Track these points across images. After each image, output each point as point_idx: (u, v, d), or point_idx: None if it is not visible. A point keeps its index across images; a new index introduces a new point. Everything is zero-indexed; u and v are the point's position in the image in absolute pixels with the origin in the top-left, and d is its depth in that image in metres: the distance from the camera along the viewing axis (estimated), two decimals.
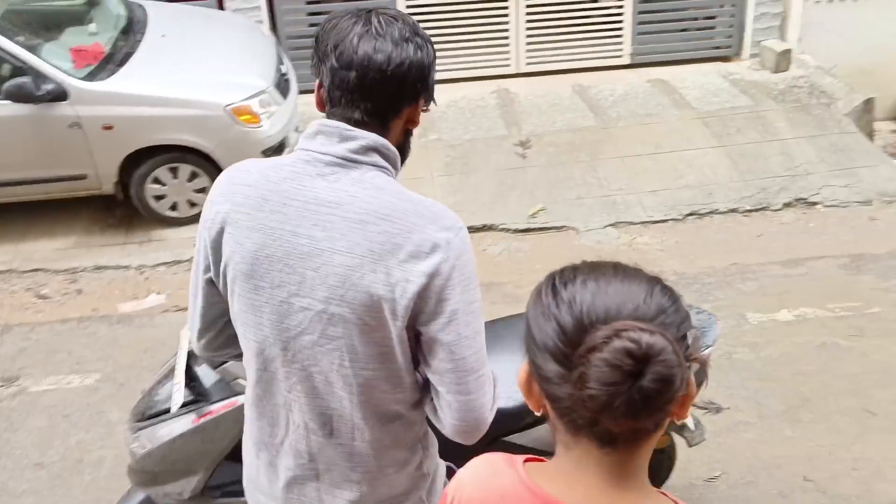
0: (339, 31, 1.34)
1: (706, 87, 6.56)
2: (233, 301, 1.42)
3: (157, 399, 2.15)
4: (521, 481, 0.97)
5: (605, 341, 0.83)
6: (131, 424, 2.17)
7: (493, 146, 5.89)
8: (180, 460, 2.08)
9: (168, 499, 2.15)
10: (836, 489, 2.97)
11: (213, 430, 2.04)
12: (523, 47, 6.82)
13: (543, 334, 0.92)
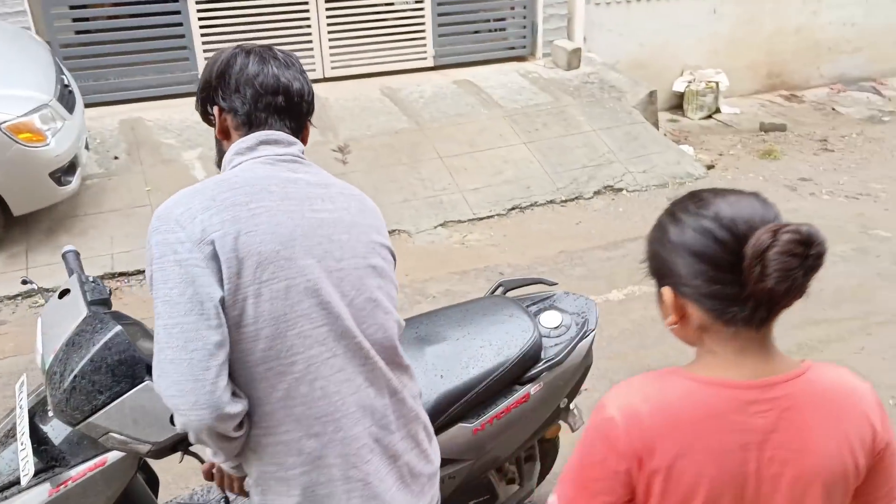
0: (249, 65, 1.54)
1: (509, 85, 6.82)
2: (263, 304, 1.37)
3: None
4: (700, 383, 1.16)
5: (773, 240, 1.05)
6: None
7: (311, 153, 5.57)
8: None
9: None
10: None
11: (78, 499, 1.69)
12: (327, 52, 6.65)
13: (699, 252, 1.12)
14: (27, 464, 1.62)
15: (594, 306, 2.38)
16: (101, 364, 1.61)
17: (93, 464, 1.69)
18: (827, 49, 8.74)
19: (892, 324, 4.08)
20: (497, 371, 2.09)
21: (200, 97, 1.61)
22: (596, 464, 1.19)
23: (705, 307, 1.15)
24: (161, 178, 5.25)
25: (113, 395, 1.60)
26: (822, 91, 8.66)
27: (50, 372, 1.65)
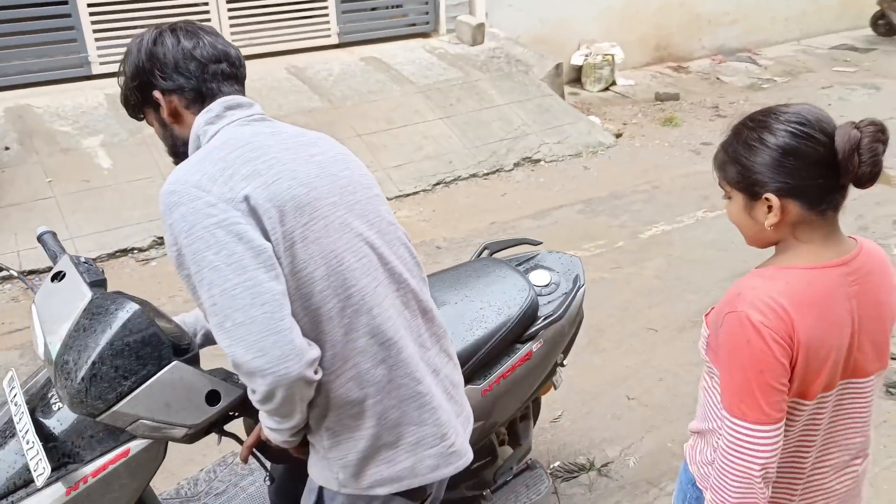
0: (181, 40, 1.49)
1: (417, 62, 6.77)
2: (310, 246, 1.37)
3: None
4: (812, 269, 1.38)
5: (860, 134, 1.29)
6: None
7: None
8: None
9: None
10: (653, 400, 3.29)
11: (100, 496, 1.54)
12: (227, 30, 6.35)
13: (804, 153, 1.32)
14: (40, 462, 1.44)
15: (579, 262, 2.41)
16: (122, 347, 1.46)
17: (114, 455, 1.52)
18: (707, 22, 9.23)
19: None
20: (500, 331, 2.08)
21: (133, 86, 1.52)
22: (767, 366, 1.34)
23: (805, 201, 1.35)
24: (62, 167, 4.86)
25: (139, 378, 1.46)
26: (705, 62, 9.14)
27: (59, 362, 1.48)
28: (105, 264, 4.35)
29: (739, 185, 1.41)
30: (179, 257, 1.32)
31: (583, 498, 2.77)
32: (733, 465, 1.38)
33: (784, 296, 1.35)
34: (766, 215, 1.37)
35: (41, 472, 1.43)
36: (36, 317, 1.58)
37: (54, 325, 1.53)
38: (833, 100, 7.73)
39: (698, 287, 4.18)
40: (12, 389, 1.59)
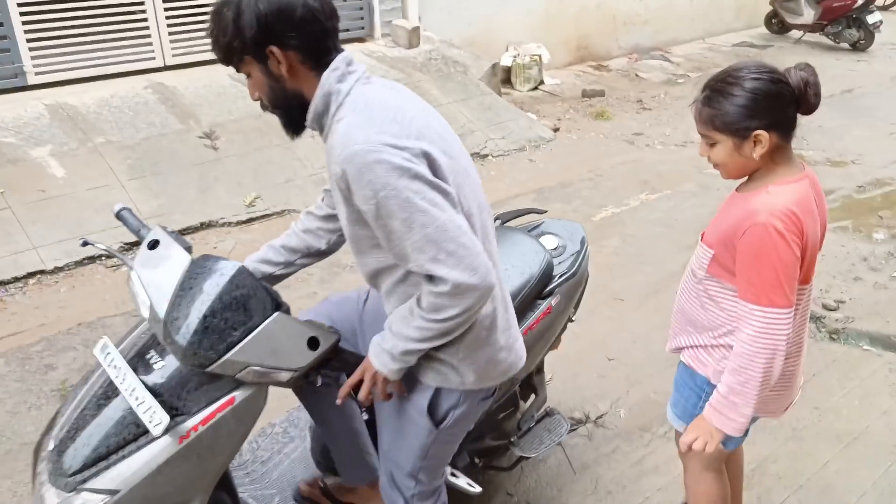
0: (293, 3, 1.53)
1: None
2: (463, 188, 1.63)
3: (95, 431, 1.62)
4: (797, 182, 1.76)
5: (805, 74, 1.70)
6: (61, 479, 1.58)
7: (177, 142, 5.40)
8: (170, 493, 1.61)
9: None
10: (631, 360, 3.56)
11: (210, 442, 1.63)
12: (167, 39, 6.32)
13: (784, 97, 1.70)
14: (155, 414, 1.53)
15: (580, 227, 2.65)
16: (230, 301, 1.57)
17: (220, 404, 1.62)
18: (622, 23, 9.76)
19: None
20: (525, 288, 2.28)
21: (249, 37, 1.53)
22: (791, 262, 1.70)
23: (781, 131, 1.74)
24: (13, 178, 4.75)
25: (247, 329, 1.57)
26: (622, 60, 9.66)
27: (168, 319, 1.58)
28: (74, 272, 4.30)
29: (729, 130, 1.73)
30: (379, 208, 1.47)
31: (585, 447, 3.00)
32: (763, 345, 1.72)
33: (794, 204, 1.71)
34: (752, 149, 1.72)
35: (158, 422, 1.53)
36: (138, 282, 1.67)
37: (158, 287, 1.63)
38: None
39: (653, 259, 4.51)
40: (108, 354, 1.67)
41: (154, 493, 1.58)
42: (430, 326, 1.59)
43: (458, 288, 1.51)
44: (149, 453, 1.58)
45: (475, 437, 2.40)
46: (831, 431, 2.91)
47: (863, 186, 5.68)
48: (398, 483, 1.93)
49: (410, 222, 1.47)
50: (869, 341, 3.61)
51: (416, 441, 1.83)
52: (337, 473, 2.32)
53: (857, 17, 10.09)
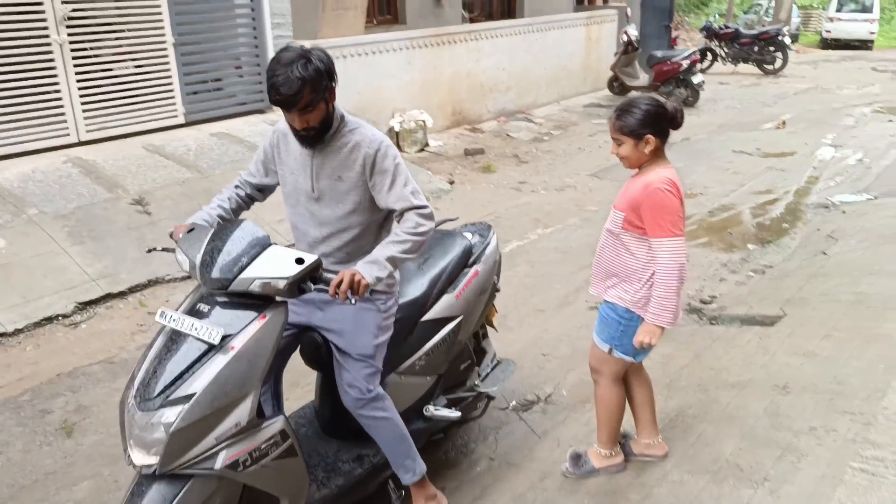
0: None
1: (263, 133, 7.36)
2: None
3: (168, 365, 2.16)
4: (670, 168, 2.73)
5: (675, 104, 2.73)
6: (148, 402, 2.11)
7: (109, 209, 5.68)
8: (232, 388, 2.16)
9: (220, 442, 2.16)
10: (561, 353, 4.26)
11: (256, 347, 2.21)
12: (81, 115, 6.59)
13: (671, 115, 2.67)
14: (212, 330, 2.15)
15: (488, 223, 3.55)
16: (239, 241, 2.28)
17: (256, 320, 2.23)
18: (489, 90, 10.90)
19: None
20: (454, 260, 3.14)
21: (324, 84, 2.40)
22: (680, 208, 2.68)
23: (661, 136, 2.70)
24: None
25: (251, 257, 2.24)
26: (492, 123, 10.75)
27: (203, 262, 2.25)
28: (35, 332, 4.49)
29: (631, 134, 2.69)
30: (385, 160, 2.50)
31: (542, 419, 3.65)
32: (675, 261, 2.63)
33: (673, 177, 2.72)
34: (645, 147, 2.68)
35: (215, 335, 2.15)
36: (180, 251, 2.34)
37: (193, 249, 2.31)
38: (601, 143, 9.58)
39: (559, 278, 5.32)
40: (166, 314, 2.24)
41: (220, 391, 2.14)
42: (410, 239, 2.48)
43: (429, 211, 2.54)
44: (212, 364, 2.15)
45: (447, 389, 3.21)
46: (727, 383, 3.73)
47: (713, 211, 6.85)
48: (359, 378, 2.63)
49: (399, 172, 2.53)
50: (740, 322, 4.54)
51: (371, 323, 2.64)
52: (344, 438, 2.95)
53: (684, 78, 11.84)
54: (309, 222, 2.64)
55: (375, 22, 10.60)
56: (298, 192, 2.63)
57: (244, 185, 2.82)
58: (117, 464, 3.30)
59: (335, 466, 2.83)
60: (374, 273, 2.38)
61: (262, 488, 2.35)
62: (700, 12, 25.91)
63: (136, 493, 2.18)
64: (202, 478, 2.18)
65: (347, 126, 2.54)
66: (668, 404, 3.60)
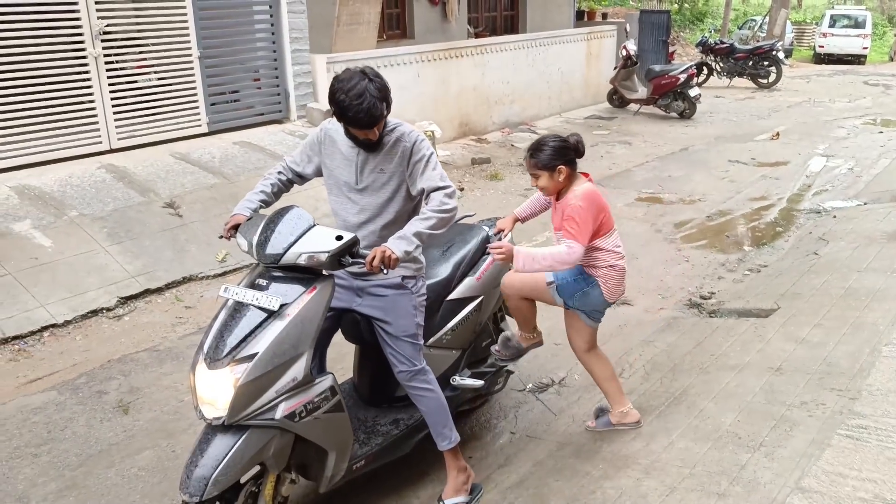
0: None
1: (283, 142, 7.81)
2: None
3: (233, 331, 2.48)
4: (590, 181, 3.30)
5: (577, 138, 3.26)
6: (217, 363, 2.43)
7: (143, 212, 6.03)
8: (289, 348, 2.50)
9: (279, 395, 2.50)
10: None
11: (308, 314, 2.56)
12: (112, 123, 6.95)
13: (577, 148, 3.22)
14: (272, 298, 2.50)
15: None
16: (288, 225, 2.62)
17: (308, 291, 2.58)
18: (494, 102, 11.29)
19: (634, 258, 6.06)
20: (474, 248, 3.55)
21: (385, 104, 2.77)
22: (591, 217, 3.13)
23: (571, 166, 3.20)
24: (4, 250, 5.21)
25: (298, 236, 2.59)
26: (497, 134, 11.14)
27: (259, 241, 2.60)
28: (82, 324, 4.82)
29: (547, 168, 3.16)
30: (420, 151, 2.86)
31: (557, 399, 3.99)
32: (567, 258, 3.10)
33: (586, 190, 3.18)
34: (559, 176, 3.15)
35: (275, 301, 2.50)
36: (240, 235, 2.72)
37: (250, 232, 2.67)
38: (603, 153, 9.98)
39: None
40: (229, 289, 2.59)
41: (279, 349, 2.49)
42: (435, 215, 2.77)
43: (449, 188, 2.85)
44: (272, 328, 2.50)
45: (471, 363, 3.62)
46: (726, 366, 4.08)
47: (710, 216, 7.22)
48: (408, 356, 2.99)
49: (431, 159, 2.89)
50: (737, 315, 4.89)
51: (408, 305, 2.99)
52: (380, 405, 3.34)
53: (681, 91, 12.25)
54: (350, 210, 2.98)
55: (385, 37, 11.02)
56: (341, 184, 2.98)
57: (286, 171, 3.16)
58: (174, 437, 3.64)
59: (374, 429, 3.19)
60: (402, 247, 2.67)
61: (314, 440, 2.70)
62: (695, 28, 26.45)
63: (203, 440, 2.53)
64: (260, 429, 2.53)
65: (389, 126, 2.90)
66: (674, 385, 3.95)
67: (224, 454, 2.44)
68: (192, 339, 4.68)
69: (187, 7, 7.33)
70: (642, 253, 6.16)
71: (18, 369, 4.31)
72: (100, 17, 6.68)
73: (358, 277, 3.00)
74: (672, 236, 6.65)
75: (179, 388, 4.07)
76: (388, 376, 3.24)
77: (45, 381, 4.17)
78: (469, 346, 3.53)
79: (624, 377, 4.17)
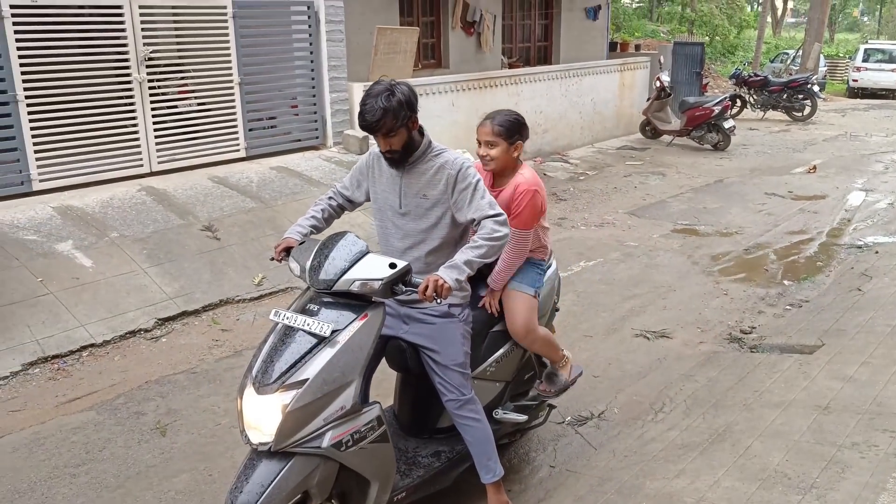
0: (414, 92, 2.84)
1: (319, 168, 7.88)
2: None
3: (283, 355, 2.47)
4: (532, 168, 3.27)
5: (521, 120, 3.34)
6: (266, 388, 2.42)
7: (182, 234, 6.09)
8: (339, 375, 2.49)
9: (326, 423, 2.48)
10: (610, 375, 4.54)
11: (359, 341, 2.55)
12: (153, 148, 7.07)
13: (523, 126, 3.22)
14: (324, 325, 2.49)
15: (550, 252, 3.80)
16: (342, 251, 2.63)
17: (359, 318, 2.57)
18: None
19: (672, 290, 5.99)
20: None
21: (406, 112, 2.76)
22: (539, 206, 3.16)
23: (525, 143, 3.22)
24: (48, 269, 5.29)
25: (351, 262, 2.59)
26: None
27: (312, 267, 2.62)
28: (120, 344, 4.86)
29: (507, 139, 3.13)
30: (466, 179, 2.82)
31: (596, 433, 3.92)
32: (522, 250, 3.19)
33: (535, 176, 3.19)
34: (514, 151, 3.15)
35: (327, 328, 2.48)
36: (293, 259, 2.74)
37: (303, 257, 2.68)
38: (636, 184, 9.93)
39: (605, 308, 5.60)
40: (280, 313, 2.58)
41: (329, 376, 2.47)
42: (486, 244, 2.74)
43: (503, 219, 2.80)
44: (323, 354, 2.48)
45: (513, 396, 3.55)
46: (771, 403, 3.98)
47: (748, 249, 7.12)
48: (456, 385, 2.96)
49: (478, 188, 2.84)
50: (780, 351, 4.79)
51: (457, 334, 2.98)
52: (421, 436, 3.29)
53: (715, 123, 12.18)
54: (394, 235, 2.98)
55: (421, 66, 11.13)
56: (386, 208, 2.98)
57: (337, 196, 3.18)
58: (211, 460, 3.63)
59: (415, 460, 3.14)
60: (453, 276, 2.66)
61: (358, 470, 2.66)
62: (726, 60, 26.40)
63: (248, 466, 2.50)
64: (305, 456, 2.49)
65: (434, 151, 2.90)
66: (717, 421, 3.86)
67: (269, 481, 2.41)
68: (228, 362, 4.69)
69: (230, 34, 7.48)
70: (679, 285, 6.08)
71: (58, 388, 4.34)
72: (146, 43, 6.84)
73: (405, 304, 2.98)
74: (709, 269, 6.56)
75: (216, 411, 4.07)
76: (430, 406, 3.20)
77: (84, 401, 4.19)
78: (513, 378, 3.48)
79: (664, 412, 4.10)
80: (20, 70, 6.11)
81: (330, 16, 8.34)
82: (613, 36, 19.92)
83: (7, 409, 4.11)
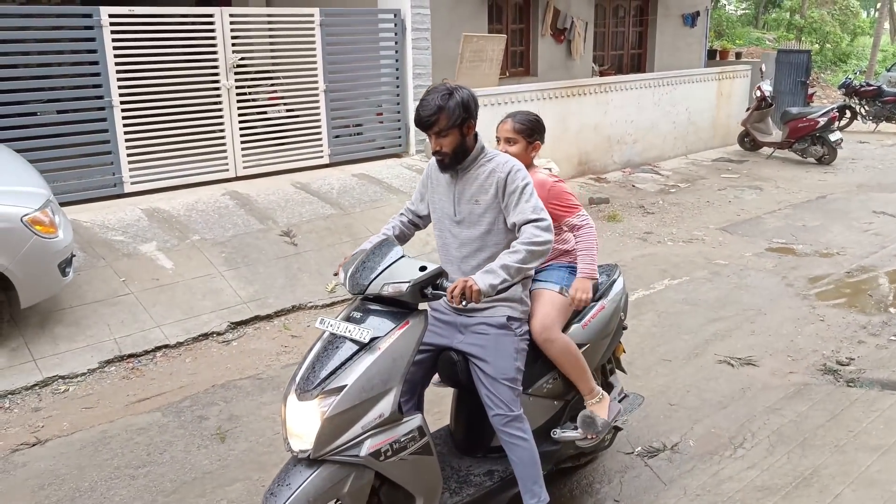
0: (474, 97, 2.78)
1: (400, 176, 7.85)
2: None
3: (326, 363, 2.46)
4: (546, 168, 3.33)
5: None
6: (306, 394, 2.41)
7: (261, 239, 6.18)
8: (378, 383, 2.45)
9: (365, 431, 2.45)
10: (688, 404, 4.26)
11: (399, 348, 2.51)
12: (239, 153, 7.22)
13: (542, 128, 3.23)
14: (364, 331, 2.47)
15: (616, 266, 3.60)
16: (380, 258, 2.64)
17: (400, 326, 2.53)
18: (616, 142, 10.98)
19: (762, 314, 5.60)
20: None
21: (461, 114, 2.70)
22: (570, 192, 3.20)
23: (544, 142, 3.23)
24: (131, 269, 5.45)
25: (385, 266, 2.58)
26: (617, 173, 10.80)
27: (352, 273, 2.62)
28: (193, 346, 4.94)
29: (526, 138, 3.15)
30: (514, 182, 2.72)
31: (668, 467, 3.66)
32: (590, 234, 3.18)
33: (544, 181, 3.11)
34: (532, 151, 3.17)
35: (366, 334, 2.45)
36: (342, 268, 2.74)
37: (349, 265, 2.71)
38: (731, 198, 9.44)
39: (687, 330, 5.29)
40: (325, 321, 2.56)
41: (368, 383, 2.44)
42: (525, 248, 2.61)
43: (546, 224, 2.69)
44: (362, 361, 2.46)
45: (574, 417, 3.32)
46: (867, 446, 3.62)
47: (850, 272, 6.60)
48: (504, 400, 2.81)
49: (527, 190, 2.73)
50: (881, 386, 4.37)
51: (511, 347, 2.85)
52: (475, 455, 3.18)
53: (820, 135, 11.47)
54: (452, 244, 2.91)
55: (508, 73, 10.99)
56: (444, 217, 2.92)
57: (407, 213, 3.15)
58: (266, 470, 3.59)
59: (467, 479, 3.02)
60: (487, 281, 2.55)
61: (400, 482, 2.59)
62: (837, 69, 24.96)
63: (284, 470, 2.50)
64: (335, 464, 2.45)
65: (487, 157, 2.83)
66: (803, 462, 3.54)
67: (298, 485, 2.39)
68: (293, 369, 4.65)
69: (317, 42, 7.57)
70: (770, 308, 5.68)
71: (130, 387, 4.44)
72: (235, 51, 7.00)
73: (462, 314, 2.89)
74: (805, 292, 6.10)
75: (276, 419, 4.05)
76: (485, 424, 3.06)
77: (151, 402, 4.26)
78: (573, 397, 3.30)
79: (745, 448, 3.79)
80: (116, 76, 6.36)
81: (416, 23, 8.33)
82: (713, 44, 19.20)
83: (81, 406, 4.23)
